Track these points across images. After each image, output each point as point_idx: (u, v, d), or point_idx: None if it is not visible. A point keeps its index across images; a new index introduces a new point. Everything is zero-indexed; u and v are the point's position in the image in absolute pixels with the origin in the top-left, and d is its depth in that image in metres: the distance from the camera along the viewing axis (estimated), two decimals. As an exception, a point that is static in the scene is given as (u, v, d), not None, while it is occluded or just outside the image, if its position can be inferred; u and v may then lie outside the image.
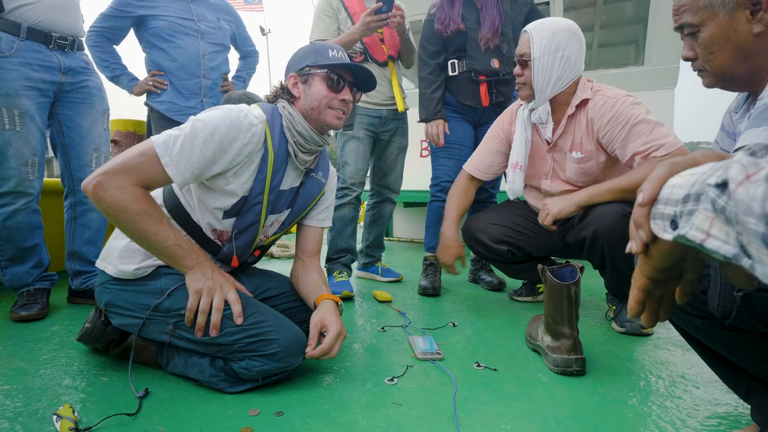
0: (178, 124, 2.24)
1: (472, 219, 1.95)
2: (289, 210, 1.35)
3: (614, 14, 4.15)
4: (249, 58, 2.69)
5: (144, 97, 2.30)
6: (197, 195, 1.20)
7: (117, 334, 1.26)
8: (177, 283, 1.13)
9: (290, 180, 1.30)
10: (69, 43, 1.75)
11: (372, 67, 2.14)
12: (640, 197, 0.51)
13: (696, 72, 0.94)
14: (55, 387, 1.13)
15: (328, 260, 2.25)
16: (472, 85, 2.11)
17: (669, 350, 1.43)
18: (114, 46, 2.27)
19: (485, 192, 2.33)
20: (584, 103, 1.60)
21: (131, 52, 3.26)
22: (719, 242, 0.39)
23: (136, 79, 2.30)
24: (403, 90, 2.25)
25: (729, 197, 0.37)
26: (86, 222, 1.89)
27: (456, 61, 2.13)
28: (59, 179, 1.91)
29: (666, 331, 1.62)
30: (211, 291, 1.09)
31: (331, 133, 1.50)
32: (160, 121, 2.27)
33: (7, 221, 1.65)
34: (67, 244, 1.89)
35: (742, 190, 0.36)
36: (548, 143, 1.69)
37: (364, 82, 1.34)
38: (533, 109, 1.66)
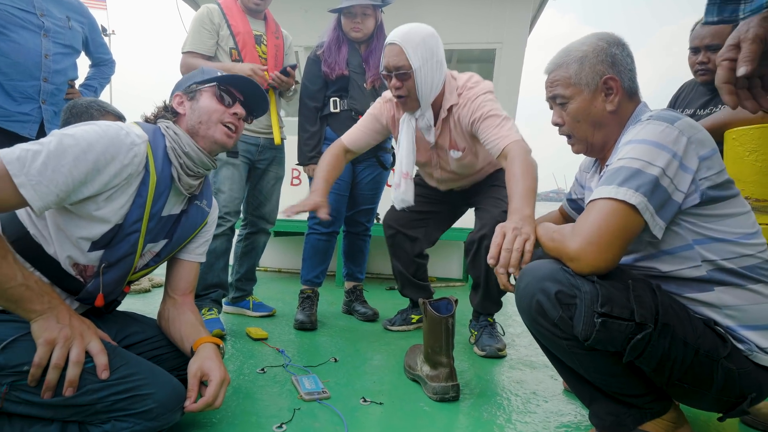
0: (5, 132, 1.86)
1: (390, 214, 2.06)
2: (167, 240, 1.22)
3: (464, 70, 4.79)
4: (103, 66, 2.37)
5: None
6: (55, 223, 1.00)
7: None
8: (16, 333, 0.91)
9: (170, 207, 1.18)
10: None
11: None
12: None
13: (567, 139, 1.15)
14: None
15: (196, 297, 2.03)
16: (353, 122, 2.20)
17: (521, 370, 1.66)
18: None
19: (361, 225, 2.42)
20: (452, 107, 1.71)
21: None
22: None
23: None
24: (281, 119, 2.23)
25: None
26: None
27: (338, 99, 2.21)
28: None
29: (516, 352, 1.87)
30: (69, 340, 0.91)
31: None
32: None
33: None
34: None
35: None
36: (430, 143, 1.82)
37: (255, 102, 1.31)
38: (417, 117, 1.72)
